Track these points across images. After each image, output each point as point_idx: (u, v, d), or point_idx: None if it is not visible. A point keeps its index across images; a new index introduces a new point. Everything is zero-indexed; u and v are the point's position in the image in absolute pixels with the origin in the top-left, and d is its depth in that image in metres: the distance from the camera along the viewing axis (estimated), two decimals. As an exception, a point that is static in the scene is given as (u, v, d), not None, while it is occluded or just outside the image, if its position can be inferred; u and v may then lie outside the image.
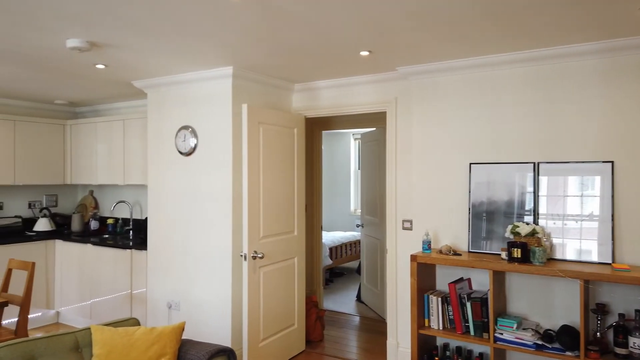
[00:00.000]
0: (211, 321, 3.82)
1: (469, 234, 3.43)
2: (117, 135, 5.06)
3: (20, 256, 4.79)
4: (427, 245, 3.43)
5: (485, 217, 3.38)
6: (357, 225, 6.04)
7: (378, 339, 4.57)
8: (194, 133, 3.93)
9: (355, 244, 7.40)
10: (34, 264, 3.52)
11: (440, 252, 3.39)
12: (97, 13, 2.47)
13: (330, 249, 6.73)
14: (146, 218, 4.71)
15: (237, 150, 3.76)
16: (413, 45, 3.07)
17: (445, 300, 3.35)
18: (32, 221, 5.40)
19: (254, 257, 3.68)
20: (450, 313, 3.33)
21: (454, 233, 3.55)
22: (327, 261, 6.50)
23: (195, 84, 3.92)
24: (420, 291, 3.40)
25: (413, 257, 3.34)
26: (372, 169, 5.48)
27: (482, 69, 3.42)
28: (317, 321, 4.45)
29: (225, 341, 3.74)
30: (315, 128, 5.57)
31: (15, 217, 5.23)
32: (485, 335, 3.16)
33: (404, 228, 3.88)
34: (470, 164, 3.46)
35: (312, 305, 4.47)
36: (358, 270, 6.71)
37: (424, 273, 3.46)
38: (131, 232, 5.16)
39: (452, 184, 3.56)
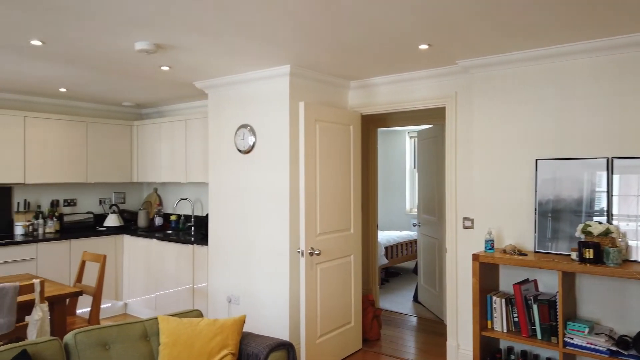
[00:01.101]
0: (269, 316, 3.88)
1: (535, 233, 3.27)
2: (179, 135, 5.26)
3: (92, 249, 5.10)
4: (489, 244, 3.31)
5: (552, 215, 3.21)
6: (414, 225, 5.93)
7: (436, 340, 4.46)
8: (253, 131, 4.01)
9: (411, 243, 7.27)
10: (105, 256, 3.73)
11: (504, 251, 3.25)
12: (164, 15, 2.57)
13: (386, 248, 6.66)
14: (207, 215, 4.87)
15: (294, 147, 3.80)
16: (475, 37, 2.97)
17: (509, 301, 3.21)
18: (103, 217, 5.72)
19: (311, 254, 3.70)
20: (515, 315, 3.19)
21: (519, 232, 3.40)
22: (383, 260, 6.43)
23: (254, 83, 4.00)
24: (483, 292, 3.28)
25: (475, 257, 3.23)
26: (430, 166, 5.36)
27: (548, 60, 3.25)
28: (373, 320, 4.42)
29: (283, 336, 3.79)
30: (371, 126, 5.53)
31: (88, 212, 5.57)
32: (553, 339, 3.00)
33: (464, 227, 3.76)
34: (537, 159, 3.30)
35: (369, 304, 4.43)
36: (415, 270, 6.60)
37: (486, 273, 3.34)
38: (193, 228, 5.35)
39: (517, 181, 3.41)
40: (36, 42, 3.06)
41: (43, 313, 2.83)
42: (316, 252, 3.70)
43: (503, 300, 3.22)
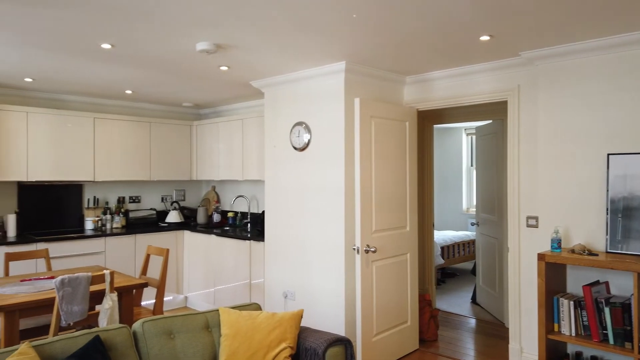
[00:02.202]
0: (325, 312, 3.89)
1: (606, 233, 3.08)
2: (236, 134, 5.39)
3: (155, 244, 5.32)
4: (556, 243, 3.14)
5: (624, 214, 3.00)
6: (472, 224, 5.75)
7: (497, 343, 4.30)
8: (308, 129, 4.04)
9: (469, 243, 7.06)
10: (168, 250, 3.88)
11: (573, 251, 3.08)
12: (225, 15, 2.64)
13: (442, 248, 6.50)
14: (263, 212, 4.95)
15: (349, 144, 3.79)
16: (541, 26, 2.83)
17: (578, 304, 3.04)
18: (164, 213, 5.97)
19: (367, 251, 3.67)
20: (585, 318, 3.01)
21: (587, 231, 3.21)
22: (439, 260, 6.29)
23: (309, 80, 4.03)
24: (549, 293, 3.12)
25: (541, 257, 3.08)
26: (489, 163, 5.18)
27: (620, 49, 3.05)
28: (430, 320, 4.32)
29: (338, 333, 3.78)
30: (426, 122, 5.41)
31: (151, 209, 5.83)
32: (627, 344, 2.81)
33: (528, 225, 3.60)
34: (608, 154, 3.10)
35: (426, 304, 4.34)
36: (473, 271, 6.40)
37: (552, 274, 3.18)
38: (249, 224, 5.47)
39: (586, 177, 3.22)
40: (106, 46, 3.23)
41: (113, 302, 2.98)
42: (372, 250, 3.67)
43: (571, 302, 3.05)
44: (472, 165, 8.38)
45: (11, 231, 4.68)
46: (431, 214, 5.40)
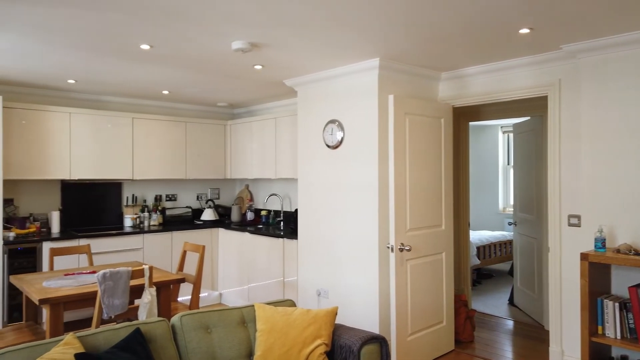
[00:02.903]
0: (358, 311, 3.87)
1: (655, 232, 2.94)
2: (269, 132, 5.44)
3: (191, 241, 5.42)
4: (600, 243, 3.02)
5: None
6: (509, 224, 5.61)
7: (536, 346, 4.17)
8: (341, 126, 4.03)
9: (505, 244, 6.89)
10: (204, 247, 3.94)
11: (618, 251, 2.95)
12: (261, 13, 2.66)
13: (478, 248, 6.37)
14: (295, 210, 4.97)
15: (383, 141, 3.75)
16: (583, 18, 2.73)
17: (624, 306, 2.92)
18: (200, 211, 6.08)
19: (401, 250, 3.63)
20: (631, 321, 2.88)
21: (634, 230, 3.07)
22: (475, 261, 6.16)
23: (342, 78, 4.02)
24: (592, 294, 3.01)
25: (584, 256, 2.97)
26: (528, 161, 5.04)
27: (673, 37, 2.90)
28: (466, 321, 4.24)
29: (372, 331, 3.75)
30: (462, 120, 5.31)
31: (187, 207, 5.95)
32: (679, 351, 2.68)
33: (570, 224, 3.48)
34: (657, 150, 2.96)
35: (462, 304, 4.26)
36: (510, 272, 6.23)
37: (596, 274, 3.06)
38: (282, 223, 5.50)
39: (632, 174, 3.08)
40: (145, 46, 3.31)
41: (152, 296, 3.05)
42: (406, 248, 3.62)
43: (616, 304, 2.93)
44: (508, 164, 8.18)
45: (55, 227, 4.87)
46: (467, 213, 5.29)
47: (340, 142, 4.04)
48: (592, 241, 3.23)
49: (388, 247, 3.73)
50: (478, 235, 6.75)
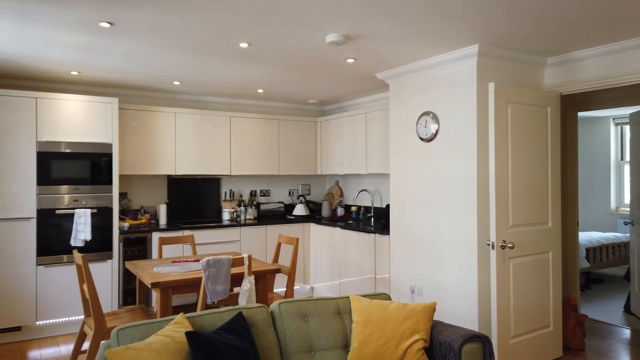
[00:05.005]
0: (455, 310, 3.71)
1: None
2: (360, 128, 5.42)
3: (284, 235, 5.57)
4: None
5: None
6: (625, 223, 5.07)
7: (661, 360, 3.73)
8: (435, 118, 3.89)
9: (619, 246, 6.25)
10: (297, 239, 4.03)
11: None
12: (355, 3, 2.64)
13: (587, 250, 5.84)
14: (386, 206, 4.90)
15: (482, 132, 3.56)
16: None
17: None
18: (291, 206, 6.23)
19: (503, 247, 3.42)
20: None
21: None
22: (584, 263, 5.66)
23: (437, 68, 3.88)
24: None
25: None
26: (648, 153, 4.51)
27: None
28: (576, 327, 3.89)
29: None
30: (569, 110, 4.89)
31: (279, 202, 6.12)
32: None
33: None
34: None
35: (571, 309, 3.92)
36: (627, 277, 5.65)
37: None
38: (372, 219, 5.45)
39: None
40: (243, 45, 3.45)
41: (250, 284, 3.17)
42: (508, 245, 3.40)
43: None
44: (622, 159, 7.41)
45: (162, 219, 5.25)
46: (575, 211, 4.86)
47: (435, 134, 3.90)
48: None
49: (488, 244, 3.53)
50: (587, 237, 6.19)
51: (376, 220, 5.40)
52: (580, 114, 5.90)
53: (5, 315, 4.21)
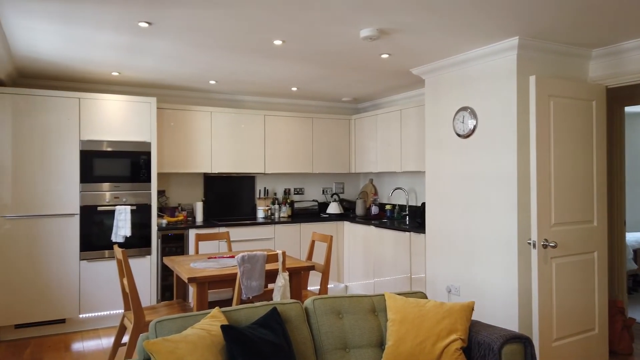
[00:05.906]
0: (494, 311, 3.60)
1: None
2: (394, 125, 5.34)
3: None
4: None
5: None
6: (677, 223, 4.79)
7: None
8: (473, 114, 3.79)
9: (670, 248, 5.92)
10: (332, 236, 4.00)
11: None
12: (390, -5, 2.60)
13: (635, 251, 5.57)
14: (422, 204, 4.81)
15: (522, 128, 3.44)
16: None
17: None
18: (325, 205, 6.21)
19: (545, 246, 3.29)
20: None
21: None
22: (631, 265, 5.40)
23: (475, 62, 3.78)
24: None
25: None
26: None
27: None
28: (623, 330, 3.71)
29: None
30: (615, 104, 4.66)
31: (313, 200, 6.12)
32: None
33: None
34: None
35: (618, 312, 3.75)
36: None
37: None
38: (407, 217, 5.37)
39: None
40: (277, 42, 3.45)
41: (285, 280, 3.17)
42: (551, 245, 3.28)
43: None
44: (673, 156, 7.02)
45: (199, 216, 5.34)
46: (622, 210, 4.64)
47: (473, 130, 3.80)
48: None
49: (529, 243, 3.41)
50: (635, 237, 5.91)
51: (411, 219, 5.32)
52: (627, 108, 5.64)
53: (50, 308, 4.38)
